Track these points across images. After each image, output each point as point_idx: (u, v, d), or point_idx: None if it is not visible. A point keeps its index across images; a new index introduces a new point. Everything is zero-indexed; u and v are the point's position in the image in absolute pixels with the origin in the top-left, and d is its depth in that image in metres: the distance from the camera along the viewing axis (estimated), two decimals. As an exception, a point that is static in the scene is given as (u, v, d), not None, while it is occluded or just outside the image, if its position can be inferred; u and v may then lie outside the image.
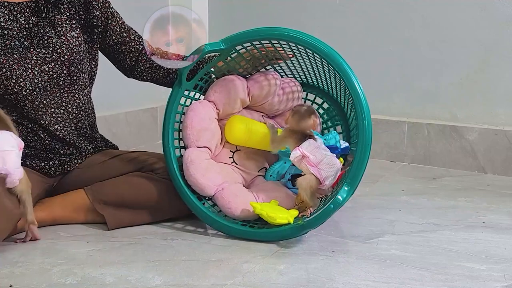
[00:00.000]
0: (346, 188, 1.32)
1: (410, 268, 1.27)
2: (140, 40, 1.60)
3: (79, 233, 1.47)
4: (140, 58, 1.61)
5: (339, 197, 1.31)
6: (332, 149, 1.55)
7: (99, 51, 1.61)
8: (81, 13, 1.53)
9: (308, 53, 1.43)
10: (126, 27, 1.61)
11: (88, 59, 1.55)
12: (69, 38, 1.47)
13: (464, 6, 2.08)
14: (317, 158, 1.39)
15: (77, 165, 1.55)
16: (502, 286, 1.20)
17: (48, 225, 1.49)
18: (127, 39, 1.60)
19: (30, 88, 1.42)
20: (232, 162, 1.59)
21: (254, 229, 1.42)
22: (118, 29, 1.59)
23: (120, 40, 1.59)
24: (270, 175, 1.61)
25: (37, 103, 1.45)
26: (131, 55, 1.61)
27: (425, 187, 1.92)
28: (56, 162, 1.52)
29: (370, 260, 1.31)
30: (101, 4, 1.55)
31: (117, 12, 1.60)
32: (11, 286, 1.17)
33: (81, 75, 1.51)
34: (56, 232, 1.47)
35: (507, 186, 1.94)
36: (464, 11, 2.08)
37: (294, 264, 1.29)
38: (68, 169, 1.54)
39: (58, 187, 1.55)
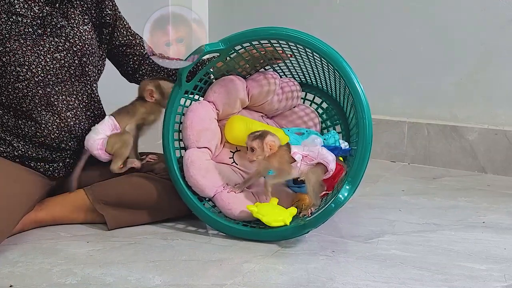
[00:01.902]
0: (347, 187, 1.32)
1: (410, 268, 1.28)
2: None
3: (79, 233, 1.47)
4: (143, 62, 1.64)
5: (340, 196, 1.31)
6: (333, 149, 1.55)
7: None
8: (93, 11, 1.55)
9: (308, 53, 1.43)
10: (132, 32, 1.65)
11: (98, 56, 1.57)
12: (82, 31, 1.50)
13: (464, 6, 2.08)
14: (314, 152, 1.39)
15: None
16: (502, 286, 1.20)
17: (48, 225, 1.49)
18: (133, 42, 1.63)
19: (42, 75, 1.43)
20: (232, 163, 1.59)
21: (255, 229, 1.42)
22: (124, 32, 1.63)
23: (126, 42, 1.62)
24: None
25: (49, 89, 1.45)
26: (135, 58, 1.63)
27: (425, 187, 1.92)
28: (61, 164, 1.52)
29: (370, 260, 1.31)
30: (111, 6, 1.59)
31: (124, 18, 1.64)
32: (11, 286, 1.17)
33: (92, 68, 1.53)
34: (56, 232, 1.47)
35: (507, 186, 1.94)
36: (464, 11, 2.08)
37: (294, 264, 1.29)
38: (71, 170, 1.54)
39: (59, 187, 1.55)
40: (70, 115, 1.49)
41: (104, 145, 1.50)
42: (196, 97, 1.59)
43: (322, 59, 1.39)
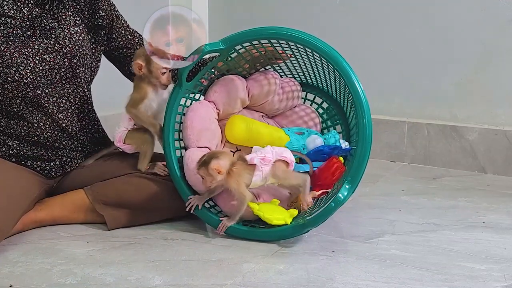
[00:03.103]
0: (347, 186, 1.32)
1: (410, 268, 1.28)
2: None
3: (79, 233, 1.47)
4: None
5: (340, 195, 1.31)
6: (333, 149, 1.55)
7: (105, 56, 1.63)
8: (85, 12, 1.54)
9: (308, 53, 1.43)
10: (131, 30, 1.63)
11: (91, 57, 1.56)
12: (72, 32, 1.49)
13: (464, 6, 2.08)
14: (268, 152, 1.39)
15: (77, 165, 1.56)
16: (502, 286, 1.20)
17: (48, 225, 1.49)
18: (132, 42, 1.61)
19: (31, 77, 1.43)
20: (232, 162, 1.59)
21: (255, 228, 1.42)
22: (123, 32, 1.60)
23: (125, 43, 1.61)
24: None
25: (39, 91, 1.45)
26: None
27: (425, 187, 1.92)
28: (57, 163, 1.52)
29: (370, 260, 1.31)
30: (107, 6, 1.57)
31: (122, 16, 1.62)
32: (11, 286, 1.17)
33: (83, 69, 1.52)
34: (56, 232, 1.47)
35: (507, 186, 1.94)
36: (464, 11, 2.08)
37: (294, 264, 1.29)
38: (69, 169, 1.54)
39: (58, 187, 1.55)
40: (62, 117, 1.49)
41: (123, 138, 1.53)
42: (197, 96, 1.59)
43: (322, 58, 1.39)
